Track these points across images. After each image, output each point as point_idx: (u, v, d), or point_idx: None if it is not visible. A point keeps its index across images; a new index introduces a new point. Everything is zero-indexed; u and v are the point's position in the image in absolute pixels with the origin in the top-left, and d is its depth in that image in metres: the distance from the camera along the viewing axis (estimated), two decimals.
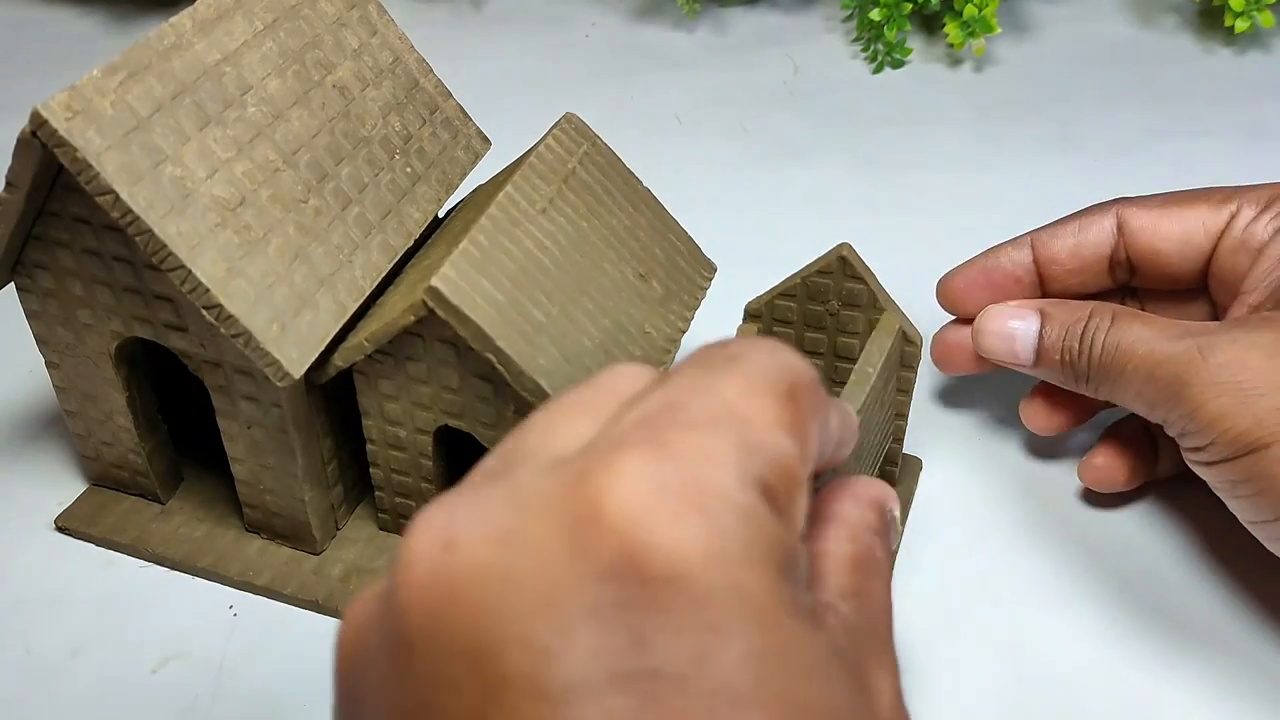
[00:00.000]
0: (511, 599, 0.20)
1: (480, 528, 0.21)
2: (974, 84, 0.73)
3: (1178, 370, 0.37)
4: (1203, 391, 0.36)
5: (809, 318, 0.43)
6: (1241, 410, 0.35)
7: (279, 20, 0.40)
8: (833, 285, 0.42)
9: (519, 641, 0.20)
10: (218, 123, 0.37)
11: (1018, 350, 0.42)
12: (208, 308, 0.35)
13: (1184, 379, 0.37)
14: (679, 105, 0.71)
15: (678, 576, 0.20)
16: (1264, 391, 0.35)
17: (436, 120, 0.44)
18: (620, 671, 0.20)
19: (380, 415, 0.40)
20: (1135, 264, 0.43)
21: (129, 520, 0.45)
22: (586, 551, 0.20)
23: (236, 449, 0.42)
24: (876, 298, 0.41)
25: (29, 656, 0.41)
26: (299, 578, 0.43)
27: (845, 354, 0.43)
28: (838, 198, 0.63)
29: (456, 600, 0.20)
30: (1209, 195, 0.42)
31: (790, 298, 0.43)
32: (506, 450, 0.24)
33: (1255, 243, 0.41)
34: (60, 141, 0.33)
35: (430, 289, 0.35)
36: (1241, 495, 0.37)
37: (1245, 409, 0.35)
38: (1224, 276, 0.42)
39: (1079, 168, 0.65)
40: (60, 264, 0.39)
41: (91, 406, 0.43)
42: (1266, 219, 0.41)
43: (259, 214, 0.37)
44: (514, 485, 0.22)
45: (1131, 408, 0.40)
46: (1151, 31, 0.78)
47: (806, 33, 0.79)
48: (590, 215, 0.41)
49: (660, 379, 0.24)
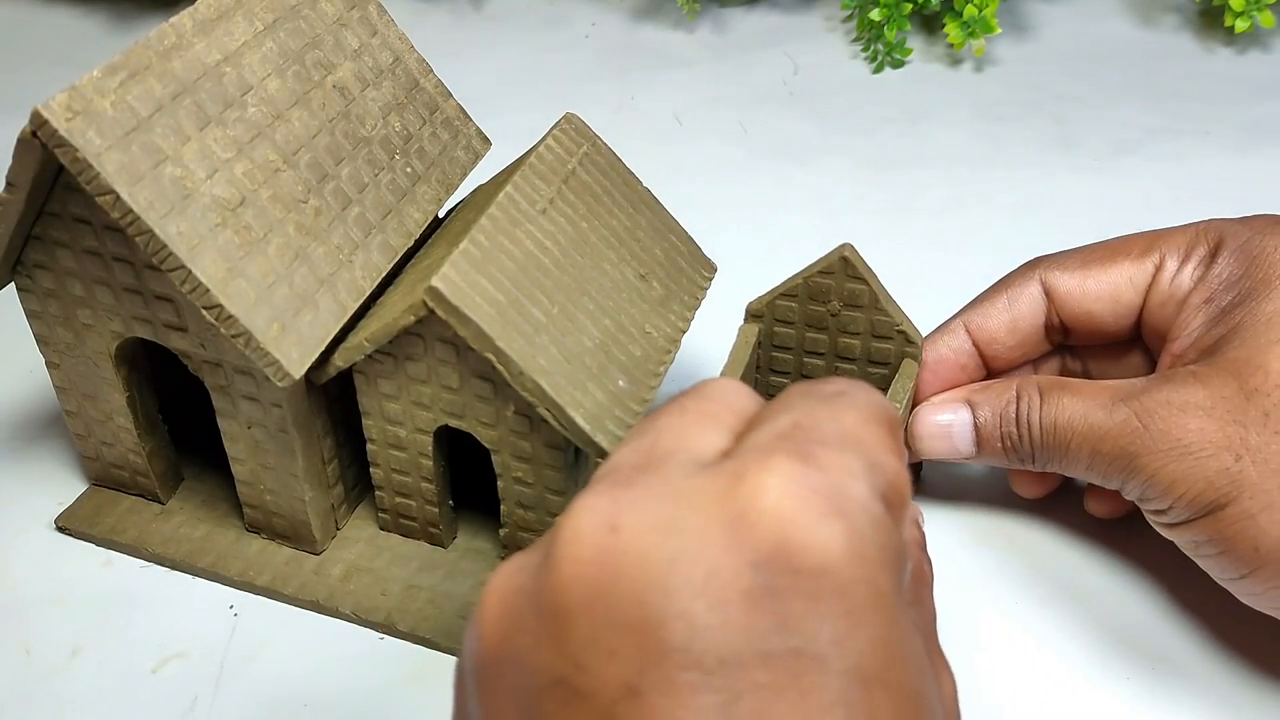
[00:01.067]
0: (674, 579, 0.23)
1: (643, 515, 0.24)
2: (974, 84, 0.73)
3: (1123, 443, 0.37)
4: (1153, 460, 0.36)
5: (810, 318, 0.43)
6: (1193, 474, 0.35)
7: (279, 20, 0.40)
8: (834, 286, 0.42)
9: (680, 617, 0.22)
10: (218, 123, 0.37)
11: (957, 445, 0.42)
12: (208, 308, 0.35)
13: (1131, 451, 0.37)
14: (679, 105, 0.71)
15: (824, 569, 0.23)
16: (1210, 452, 0.35)
17: (437, 120, 0.44)
18: (768, 650, 0.22)
19: (380, 415, 0.40)
20: (1069, 327, 0.42)
21: (129, 520, 0.45)
22: (743, 542, 0.23)
23: (237, 449, 0.42)
24: (878, 298, 0.42)
25: (29, 656, 0.41)
26: (299, 578, 0.43)
27: (846, 354, 0.43)
28: (838, 198, 0.63)
29: (621, 577, 0.23)
30: (1129, 247, 0.42)
31: (792, 298, 0.43)
32: (643, 448, 0.26)
33: (1181, 294, 0.40)
34: (61, 142, 0.33)
35: (430, 289, 0.35)
36: (1207, 555, 0.37)
37: (1196, 472, 0.35)
38: (1156, 328, 0.41)
39: (1079, 167, 0.65)
40: (60, 264, 0.39)
41: (92, 406, 0.43)
42: (1190, 268, 0.40)
43: (259, 214, 0.37)
44: (668, 480, 0.25)
45: (1084, 479, 0.40)
46: (1152, 31, 0.78)
47: (806, 33, 0.79)
48: (590, 215, 0.41)
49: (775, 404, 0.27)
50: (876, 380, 0.43)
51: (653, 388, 0.39)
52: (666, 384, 0.50)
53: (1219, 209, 0.61)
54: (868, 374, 0.44)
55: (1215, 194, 0.63)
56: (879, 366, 0.43)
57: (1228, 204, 0.62)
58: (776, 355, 0.45)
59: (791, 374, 0.45)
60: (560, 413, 0.36)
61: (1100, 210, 0.62)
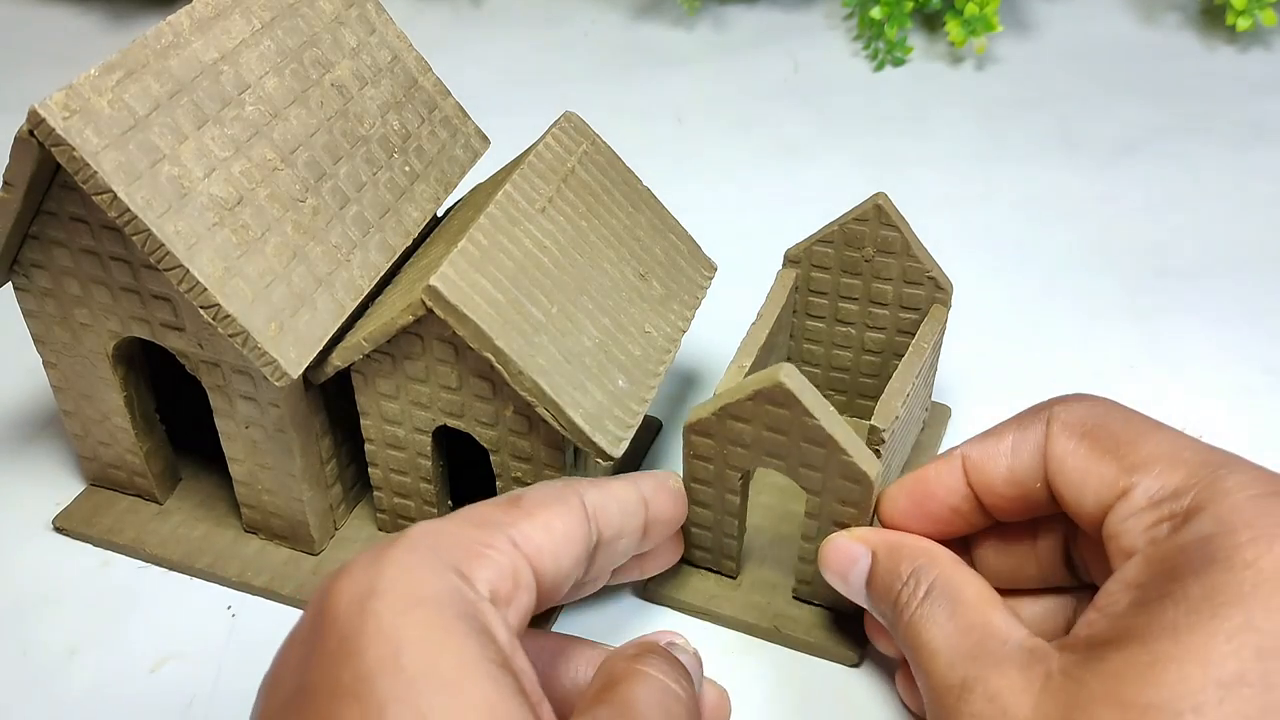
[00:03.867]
0: None
1: None
2: (975, 82, 0.73)
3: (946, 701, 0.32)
4: None
5: (845, 264, 0.44)
6: None
7: (277, 19, 0.40)
8: (868, 232, 0.43)
9: None
10: (215, 121, 0.37)
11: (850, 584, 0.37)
12: (205, 307, 0.35)
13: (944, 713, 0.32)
14: (679, 103, 0.71)
15: None
16: None
17: (435, 119, 0.44)
18: None
19: (379, 415, 0.40)
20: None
21: (127, 520, 0.45)
22: None
23: (234, 449, 0.41)
24: (910, 245, 0.43)
25: (26, 657, 0.41)
26: (297, 578, 0.42)
27: (879, 299, 0.45)
28: (838, 196, 0.63)
29: None
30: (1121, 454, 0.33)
31: (828, 244, 0.44)
32: None
33: (1125, 542, 0.32)
34: (58, 140, 0.33)
35: (429, 288, 0.35)
36: None
37: None
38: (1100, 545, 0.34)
39: (1080, 165, 0.65)
40: (57, 263, 0.39)
41: (89, 406, 0.43)
42: (1149, 517, 0.32)
43: (257, 213, 0.37)
44: None
45: None
46: (1153, 29, 0.78)
47: (807, 30, 0.79)
48: (589, 214, 0.41)
49: None
50: (908, 325, 0.45)
51: (652, 387, 0.39)
52: (666, 383, 0.50)
53: (1219, 208, 0.61)
54: (899, 319, 0.45)
55: (1217, 192, 0.63)
56: (910, 311, 0.45)
57: (1228, 203, 0.62)
58: (813, 300, 0.46)
59: (827, 318, 0.46)
60: (559, 412, 0.36)
61: (1102, 208, 0.62)
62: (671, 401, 0.50)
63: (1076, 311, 0.55)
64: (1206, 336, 0.53)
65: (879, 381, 0.46)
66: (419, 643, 0.26)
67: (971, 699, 0.31)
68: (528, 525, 0.31)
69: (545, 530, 0.31)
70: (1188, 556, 0.30)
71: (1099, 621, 0.31)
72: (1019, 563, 0.38)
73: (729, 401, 0.36)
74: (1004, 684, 0.31)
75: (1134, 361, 0.52)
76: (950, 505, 0.37)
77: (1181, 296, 0.56)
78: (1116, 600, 0.31)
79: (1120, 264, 0.58)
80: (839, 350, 0.47)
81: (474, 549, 0.30)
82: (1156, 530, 0.31)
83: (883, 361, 0.46)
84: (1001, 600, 0.34)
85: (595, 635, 0.37)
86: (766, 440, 0.37)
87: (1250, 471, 0.31)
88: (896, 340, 0.45)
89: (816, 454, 0.36)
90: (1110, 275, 0.57)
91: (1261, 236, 0.59)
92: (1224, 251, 0.58)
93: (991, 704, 0.31)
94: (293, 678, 0.28)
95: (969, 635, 0.33)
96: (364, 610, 0.27)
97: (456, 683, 0.26)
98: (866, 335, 0.46)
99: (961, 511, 0.37)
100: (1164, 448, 0.33)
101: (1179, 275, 0.57)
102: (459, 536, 0.30)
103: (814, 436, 0.36)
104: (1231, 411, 0.49)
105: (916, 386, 0.41)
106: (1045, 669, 0.30)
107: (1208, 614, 0.28)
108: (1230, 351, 0.52)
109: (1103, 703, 0.28)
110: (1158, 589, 0.30)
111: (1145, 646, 0.29)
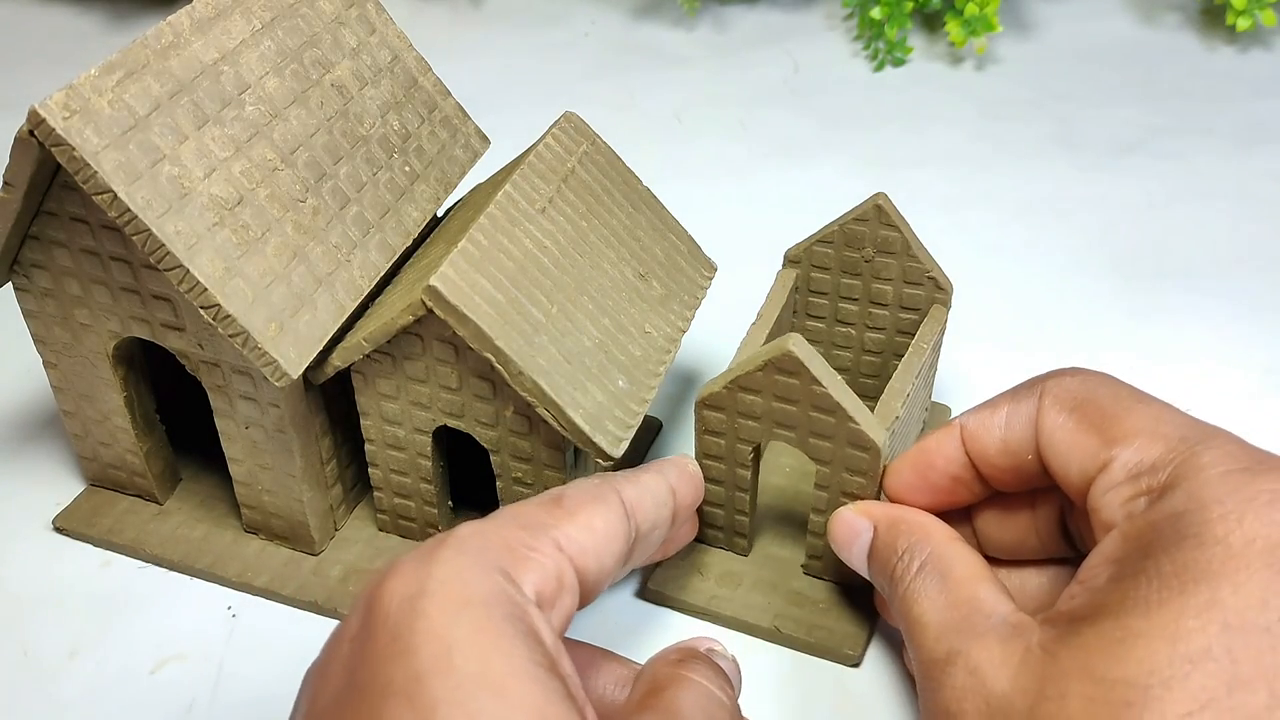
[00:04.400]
0: None
1: None
2: (975, 82, 0.73)
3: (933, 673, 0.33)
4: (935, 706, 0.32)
5: (845, 264, 0.44)
6: None
7: (277, 19, 0.40)
8: (868, 232, 0.43)
9: None
10: (215, 122, 0.37)
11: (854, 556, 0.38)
12: (205, 307, 0.35)
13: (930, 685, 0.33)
14: (679, 104, 0.71)
15: None
16: None
17: (435, 119, 0.44)
18: None
19: (379, 415, 0.40)
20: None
21: (127, 521, 0.45)
22: None
23: (234, 449, 0.41)
24: (909, 245, 0.43)
25: (27, 658, 0.40)
26: (298, 579, 0.42)
27: (879, 300, 0.45)
28: (838, 196, 0.63)
29: None
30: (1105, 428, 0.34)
31: (828, 244, 0.44)
32: None
33: (1105, 515, 0.32)
34: (58, 140, 0.33)
35: (429, 288, 0.35)
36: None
37: None
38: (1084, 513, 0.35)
39: (1080, 166, 0.65)
40: (58, 263, 0.39)
41: (89, 406, 0.43)
42: (1127, 491, 0.32)
43: (257, 213, 0.37)
44: None
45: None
46: (1153, 30, 0.78)
47: (807, 31, 0.79)
48: (590, 215, 0.41)
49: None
50: (907, 325, 0.45)
51: (652, 387, 0.39)
52: (666, 383, 0.50)
53: (1219, 208, 0.61)
54: (899, 319, 0.45)
55: (1217, 192, 0.63)
56: (910, 312, 0.45)
57: (1228, 203, 0.62)
58: (813, 300, 0.46)
59: (827, 319, 0.46)
60: (559, 413, 0.36)
61: (1102, 209, 0.62)
62: (671, 401, 0.50)
63: (1076, 311, 0.55)
64: (1206, 336, 0.53)
65: (879, 382, 0.46)
66: (470, 644, 0.26)
67: (954, 671, 0.32)
68: (571, 526, 0.31)
69: (588, 531, 0.32)
70: (1160, 532, 0.30)
71: (1080, 595, 0.31)
72: (1021, 534, 0.38)
73: (740, 374, 0.37)
74: (985, 657, 0.31)
75: (1133, 361, 0.52)
76: (950, 474, 0.38)
77: (1181, 296, 0.56)
78: (1097, 574, 0.31)
79: (1120, 264, 0.58)
80: (839, 350, 0.47)
81: (520, 552, 0.30)
82: (1134, 504, 0.32)
83: (883, 362, 0.46)
84: (993, 576, 0.34)
85: (595, 636, 0.37)
86: (777, 411, 0.38)
87: (1227, 446, 0.32)
88: (896, 340, 0.45)
89: (826, 423, 0.37)
90: (1110, 275, 0.57)
91: (1261, 236, 0.59)
92: (1224, 251, 0.58)
93: (972, 676, 0.31)
94: (342, 674, 0.28)
95: (956, 610, 0.33)
96: (414, 610, 0.27)
97: (506, 686, 0.26)
98: (866, 335, 0.46)
99: (962, 480, 0.38)
100: (1145, 421, 0.33)
101: (1179, 275, 0.57)
102: (505, 538, 0.30)
103: (823, 404, 0.37)
104: (1231, 411, 0.49)
105: (916, 387, 0.41)
106: (1025, 643, 0.31)
107: (1177, 589, 0.29)
108: (1230, 351, 0.52)
109: (1075, 677, 0.29)
110: (1132, 565, 0.30)
111: (1117, 621, 0.29)
